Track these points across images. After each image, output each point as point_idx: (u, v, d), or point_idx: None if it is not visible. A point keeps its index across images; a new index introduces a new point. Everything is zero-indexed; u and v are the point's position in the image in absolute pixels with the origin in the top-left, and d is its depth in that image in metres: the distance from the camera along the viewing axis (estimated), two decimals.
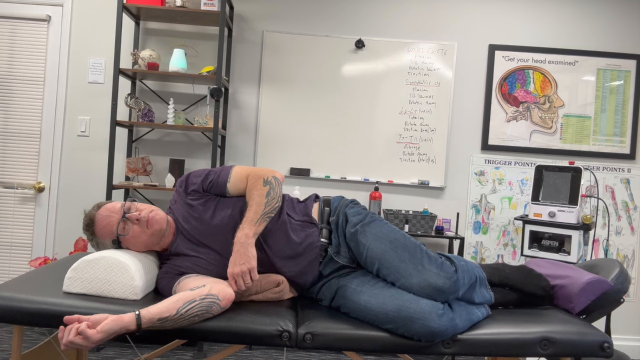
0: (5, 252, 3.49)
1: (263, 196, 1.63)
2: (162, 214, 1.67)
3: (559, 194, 2.95)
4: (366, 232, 1.64)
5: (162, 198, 3.51)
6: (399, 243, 1.59)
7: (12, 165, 3.48)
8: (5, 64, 3.47)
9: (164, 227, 1.66)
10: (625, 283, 1.70)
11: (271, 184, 1.67)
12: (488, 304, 1.67)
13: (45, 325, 1.47)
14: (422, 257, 1.56)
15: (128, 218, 1.62)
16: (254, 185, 1.67)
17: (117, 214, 1.64)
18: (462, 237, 3.28)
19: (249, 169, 1.73)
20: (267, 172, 1.70)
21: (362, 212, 1.72)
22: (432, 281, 1.51)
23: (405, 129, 3.51)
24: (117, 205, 1.67)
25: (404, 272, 1.54)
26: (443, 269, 1.53)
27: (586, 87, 3.52)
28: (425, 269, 1.53)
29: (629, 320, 3.57)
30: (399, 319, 1.48)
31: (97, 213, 1.66)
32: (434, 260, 1.56)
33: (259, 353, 3.18)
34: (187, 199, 1.72)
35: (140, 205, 1.68)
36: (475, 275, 1.62)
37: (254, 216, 1.61)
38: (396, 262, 1.56)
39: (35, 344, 3.02)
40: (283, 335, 1.48)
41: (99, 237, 1.66)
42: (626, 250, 3.56)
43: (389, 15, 3.53)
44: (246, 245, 1.57)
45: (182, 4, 3.17)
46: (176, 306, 1.41)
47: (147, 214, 1.64)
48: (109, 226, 1.64)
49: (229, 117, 3.54)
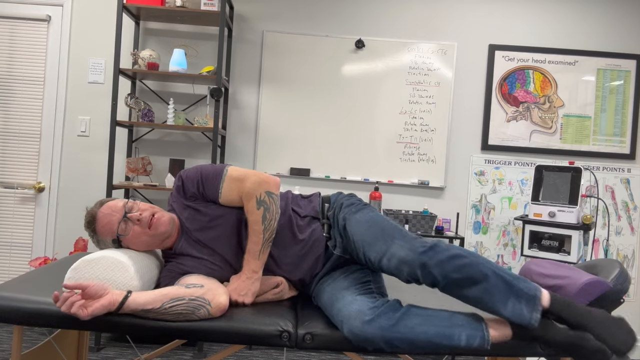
0: (5, 252, 3.49)
1: (259, 223, 1.58)
2: (167, 217, 1.64)
3: (559, 194, 2.95)
4: (351, 220, 1.64)
5: (162, 198, 3.51)
6: (373, 222, 1.59)
7: (12, 165, 3.48)
8: (5, 64, 3.47)
9: (169, 229, 1.64)
10: (625, 283, 1.70)
11: (265, 203, 1.60)
12: (522, 323, 1.42)
13: (45, 325, 1.46)
14: (394, 233, 1.52)
15: (129, 218, 1.61)
16: (247, 208, 1.61)
17: (119, 213, 1.62)
18: (462, 237, 3.28)
19: (239, 181, 1.63)
20: (258, 188, 1.60)
21: (354, 202, 1.73)
22: (396, 252, 1.46)
23: (405, 129, 3.51)
24: (119, 203, 1.65)
25: (378, 248, 1.52)
26: (412, 243, 1.47)
27: (586, 87, 3.52)
28: (395, 243, 1.49)
29: (629, 320, 3.57)
30: (338, 322, 1.48)
31: (99, 211, 1.64)
32: (407, 236, 1.51)
33: (259, 353, 3.18)
34: (186, 202, 1.71)
35: (142, 205, 1.66)
36: (485, 274, 1.40)
37: (256, 248, 1.59)
38: (370, 239, 1.54)
39: (35, 344, 3.02)
40: (283, 335, 1.48)
41: (99, 235, 1.66)
42: (626, 250, 3.56)
43: (389, 16, 3.53)
44: (252, 280, 1.59)
45: (182, 4, 3.17)
46: (162, 300, 1.41)
47: (149, 215, 1.62)
48: (110, 225, 1.62)
49: (229, 117, 3.54)
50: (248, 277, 1.59)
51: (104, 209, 1.64)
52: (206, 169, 1.69)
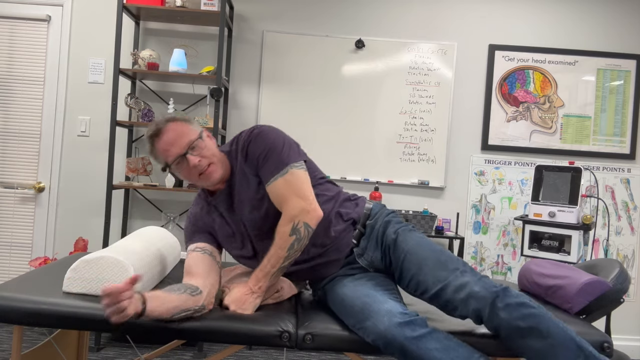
0: (5, 252, 3.49)
1: (285, 249, 1.55)
2: (219, 173, 1.62)
3: (559, 194, 2.95)
4: (407, 239, 1.64)
5: (163, 198, 3.51)
6: (436, 248, 1.60)
7: (12, 165, 3.48)
8: (5, 64, 3.47)
9: (216, 182, 1.63)
10: (625, 283, 1.70)
11: (299, 233, 1.54)
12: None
13: (45, 325, 1.46)
14: (463, 267, 1.53)
15: (187, 159, 1.58)
16: (281, 228, 1.56)
17: (181, 148, 1.57)
18: (462, 237, 3.28)
19: (289, 191, 1.57)
20: (299, 215, 1.55)
21: (404, 222, 1.73)
22: (468, 285, 1.46)
23: (405, 129, 3.51)
24: (184, 139, 1.58)
25: (440, 275, 1.51)
26: (485, 281, 1.48)
27: (586, 87, 3.52)
28: (466, 275, 1.49)
29: (629, 320, 3.57)
30: (360, 314, 1.47)
31: (165, 130, 1.58)
32: (476, 273, 1.53)
33: (259, 353, 3.18)
34: (246, 167, 1.66)
35: (206, 150, 1.60)
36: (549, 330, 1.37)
37: (271, 269, 1.57)
38: (432, 264, 1.54)
39: (35, 344, 3.02)
40: (283, 335, 1.48)
41: (156, 152, 1.61)
42: (626, 250, 3.56)
43: (389, 16, 3.53)
44: (256, 295, 1.58)
45: (182, 4, 3.17)
46: (173, 312, 1.42)
47: (205, 165, 1.59)
48: (167, 153, 1.58)
49: (229, 117, 3.54)
50: (253, 292, 1.58)
51: (169, 133, 1.58)
52: (276, 148, 1.62)
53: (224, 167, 1.65)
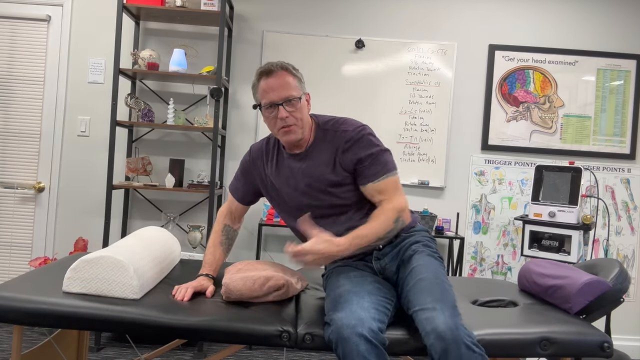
0: (5, 252, 3.49)
1: (383, 231, 1.62)
2: (297, 136, 1.69)
3: (559, 194, 2.95)
4: (419, 258, 1.65)
5: (163, 198, 3.51)
6: (442, 282, 1.56)
7: (12, 165, 3.48)
8: (5, 64, 3.47)
9: (290, 141, 1.70)
10: (625, 283, 1.70)
11: (398, 224, 1.66)
12: None
13: (45, 325, 1.47)
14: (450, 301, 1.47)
15: (279, 109, 1.65)
16: (388, 214, 1.64)
17: (279, 96, 1.64)
18: (462, 237, 3.28)
19: (396, 190, 1.69)
20: (403, 212, 1.67)
21: (433, 247, 1.75)
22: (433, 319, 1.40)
23: (405, 129, 3.51)
24: (290, 86, 1.66)
25: (424, 302, 1.46)
26: (455, 320, 1.39)
27: (586, 87, 3.52)
28: (445, 312, 1.41)
29: (629, 320, 3.57)
30: (339, 305, 1.47)
31: (275, 75, 1.65)
32: (456, 312, 1.44)
33: (259, 353, 3.18)
34: (338, 153, 1.71)
35: (298, 112, 1.67)
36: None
37: (361, 241, 1.58)
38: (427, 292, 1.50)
39: (35, 344, 3.02)
40: (283, 335, 1.48)
41: (257, 87, 1.69)
42: (626, 250, 3.56)
43: (389, 16, 3.53)
44: (336, 253, 1.52)
45: (182, 4, 3.17)
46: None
47: (291, 122, 1.66)
48: (266, 94, 1.66)
49: (229, 117, 3.54)
50: (334, 251, 1.51)
51: (277, 78, 1.65)
52: (385, 153, 1.74)
53: (305, 134, 1.72)
